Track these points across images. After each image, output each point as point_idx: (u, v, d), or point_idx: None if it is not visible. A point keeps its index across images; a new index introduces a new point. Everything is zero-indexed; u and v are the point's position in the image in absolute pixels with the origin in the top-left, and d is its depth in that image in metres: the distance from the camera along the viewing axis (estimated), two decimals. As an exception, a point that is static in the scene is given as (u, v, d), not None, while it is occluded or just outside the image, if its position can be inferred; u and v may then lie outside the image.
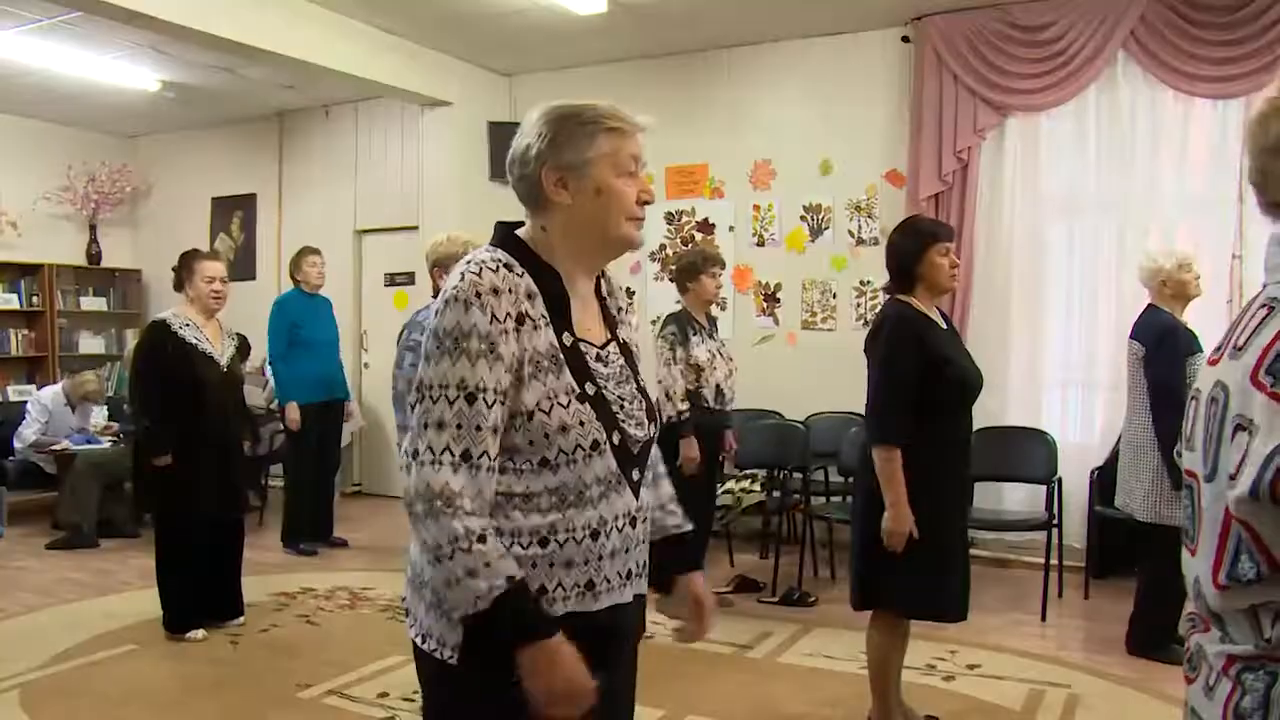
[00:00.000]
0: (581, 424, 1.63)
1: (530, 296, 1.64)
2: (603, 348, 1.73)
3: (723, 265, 5.24)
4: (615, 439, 1.67)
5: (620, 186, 1.69)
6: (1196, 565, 1.35)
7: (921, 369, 3.20)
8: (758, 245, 6.91)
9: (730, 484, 5.58)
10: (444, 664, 1.65)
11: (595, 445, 1.65)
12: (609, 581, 1.69)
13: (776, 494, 5.81)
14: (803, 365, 6.60)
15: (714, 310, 5.43)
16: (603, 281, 1.83)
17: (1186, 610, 1.41)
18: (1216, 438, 1.29)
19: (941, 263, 3.32)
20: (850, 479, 5.94)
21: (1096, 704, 3.93)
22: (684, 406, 4.92)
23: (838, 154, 6.68)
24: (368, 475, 8.82)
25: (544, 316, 1.64)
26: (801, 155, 6.79)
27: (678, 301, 5.20)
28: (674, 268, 5.38)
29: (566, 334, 1.66)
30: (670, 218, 7.22)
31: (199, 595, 4.82)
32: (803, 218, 6.78)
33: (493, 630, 1.54)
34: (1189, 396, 1.43)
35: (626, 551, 1.71)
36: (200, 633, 4.78)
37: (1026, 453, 5.47)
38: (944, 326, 3.41)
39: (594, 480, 1.65)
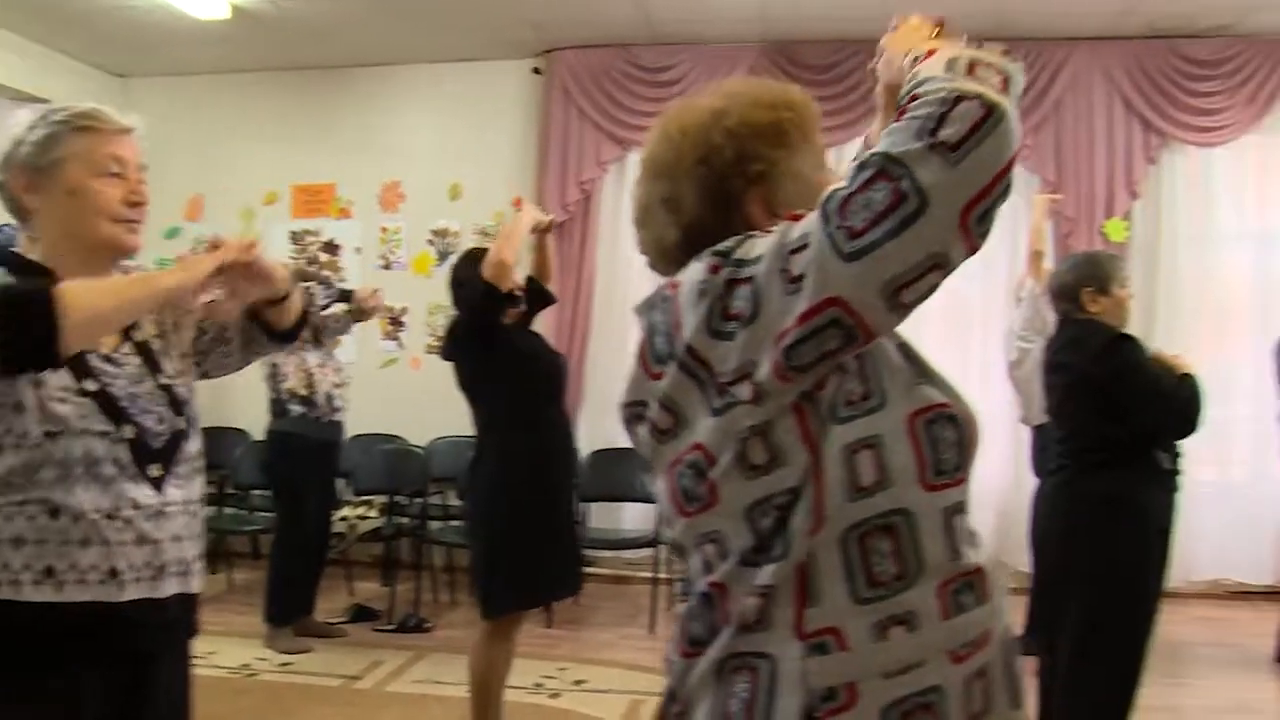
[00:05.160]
0: (84, 416, 1.58)
1: None
2: (115, 350, 1.68)
3: (324, 284, 5.15)
4: (128, 433, 1.62)
5: (97, 187, 1.64)
6: None
7: (504, 349, 3.37)
8: (384, 268, 6.79)
9: (345, 510, 5.42)
10: None
11: (104, 435, 1.60)
12: (135, 570, 1.60)
13: (396, 519, 5.71)
14: (427, 389, 6.46)
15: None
16: None
17: None
18: None
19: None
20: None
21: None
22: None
23: (467, 179, 6.70)
24: None
25: None
26: (431, 179, 6.75)
27: None
28: None
29: None
30: (295, 237, 6.94)
31: None
32: (430, 241, 6.75)
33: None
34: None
35: (157, 544, 1.63)
36: None
37: (636, 473, 5.68)
38: None
39: (106, 460, 1.59)
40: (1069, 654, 3.09)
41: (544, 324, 3.94)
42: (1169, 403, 3.01)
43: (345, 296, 5.00)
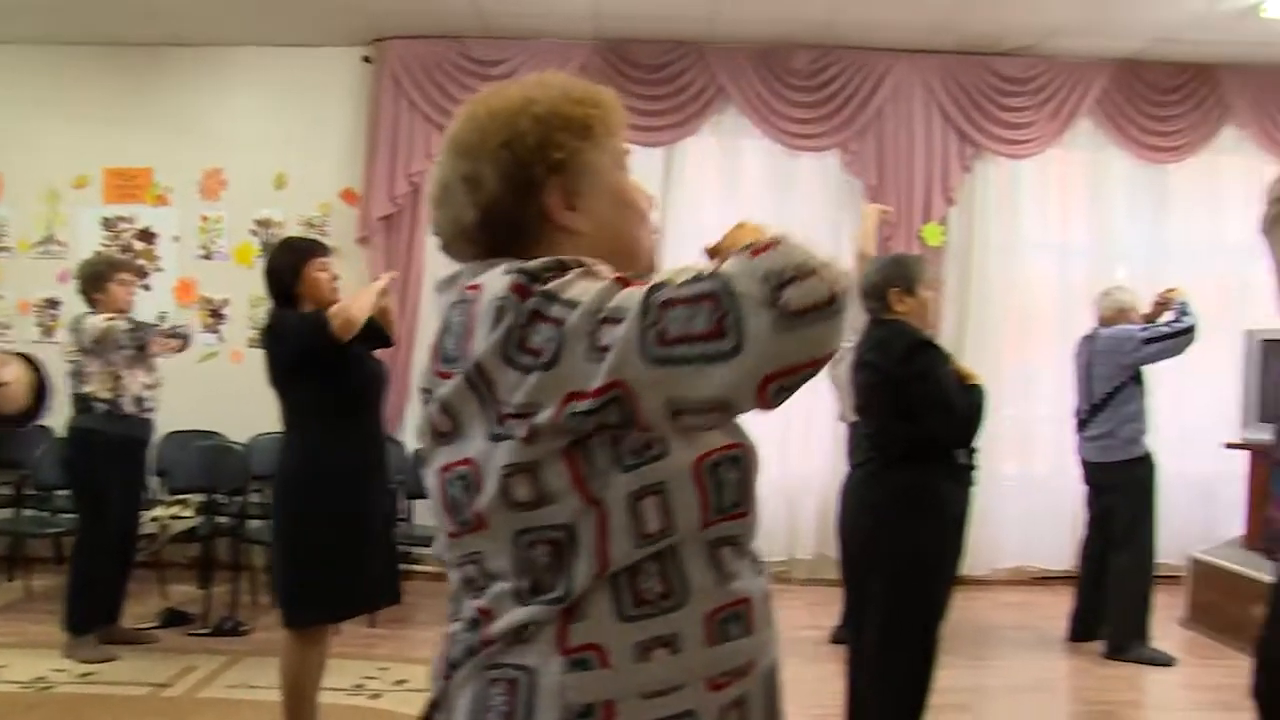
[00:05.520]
0: None
1: None
2: None
3: (135, 272, 4.93)
4: None
5: None
6: None
7: (326, 359, 3.29)
8: (204, 258, 6.53)
9: (157, 510, 5.19)
10: None
11: None
12: None
13: (214, 518, 5.50)
14: (249, 383, 6.20)
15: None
16: None
17: None
18: None
19: (320, 277, 3.43)
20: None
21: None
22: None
23: (293, 169, 6.50)
24: None
25: None
26: (255, 167, 6.51)
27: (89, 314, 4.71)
28: (78, 278, 4.86)
29: None
30: (108, 224, 6.59)
31: None
32: (253, 232, 6.51)
33: None
34: None
35: None
36: None
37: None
38: None
39: None
40: (874, 641, 3.23)
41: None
42: (952, 412, 3.17)
43: (141, 346, 4.69)
